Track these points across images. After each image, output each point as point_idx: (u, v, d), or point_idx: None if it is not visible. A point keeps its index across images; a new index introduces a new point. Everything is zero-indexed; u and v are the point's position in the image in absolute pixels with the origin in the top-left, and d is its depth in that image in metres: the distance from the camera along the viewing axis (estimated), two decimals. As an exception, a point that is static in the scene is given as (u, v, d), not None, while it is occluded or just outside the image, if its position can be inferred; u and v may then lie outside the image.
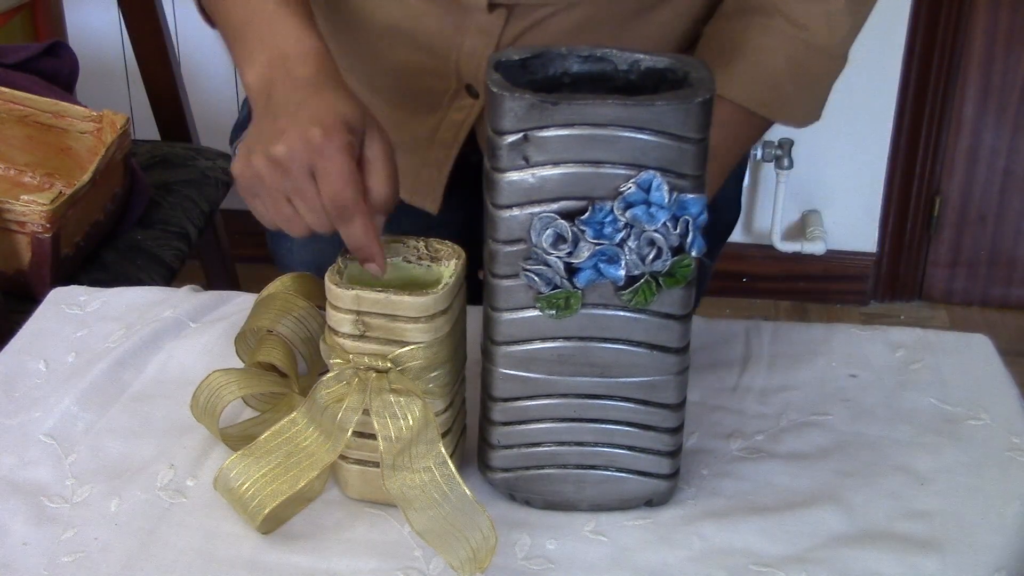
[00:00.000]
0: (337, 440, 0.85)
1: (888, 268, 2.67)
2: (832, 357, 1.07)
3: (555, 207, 0.80)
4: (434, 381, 0.85)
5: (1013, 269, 2.65)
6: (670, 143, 0.78)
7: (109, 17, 2.41)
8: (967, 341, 1.09)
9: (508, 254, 0.82)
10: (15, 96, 1.72)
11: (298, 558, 0.85)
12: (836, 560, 0.85)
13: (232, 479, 0.86)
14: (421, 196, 1.14)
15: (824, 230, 2.58)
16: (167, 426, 0.97)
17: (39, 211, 1.52)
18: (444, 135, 1.09)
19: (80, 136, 1.72)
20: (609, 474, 0.88)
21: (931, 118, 2.52)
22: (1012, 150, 2.55)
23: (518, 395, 0.86)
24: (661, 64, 0.84)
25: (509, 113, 0.78)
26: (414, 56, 1.05)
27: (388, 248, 0.89)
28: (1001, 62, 2.48)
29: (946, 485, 0.92)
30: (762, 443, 0.97)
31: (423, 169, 1.12)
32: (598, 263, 0.81)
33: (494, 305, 0.84)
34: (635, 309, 0.83)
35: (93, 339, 1.07)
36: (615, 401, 0.86)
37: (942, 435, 0.97)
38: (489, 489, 0.90)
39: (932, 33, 2.45)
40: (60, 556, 0.85)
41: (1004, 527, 0.88)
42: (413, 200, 1.15)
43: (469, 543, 0.82)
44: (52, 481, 0.91)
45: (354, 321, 0.83)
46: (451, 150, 1.10)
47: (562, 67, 0.86)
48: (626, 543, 0.87)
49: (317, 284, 1.00)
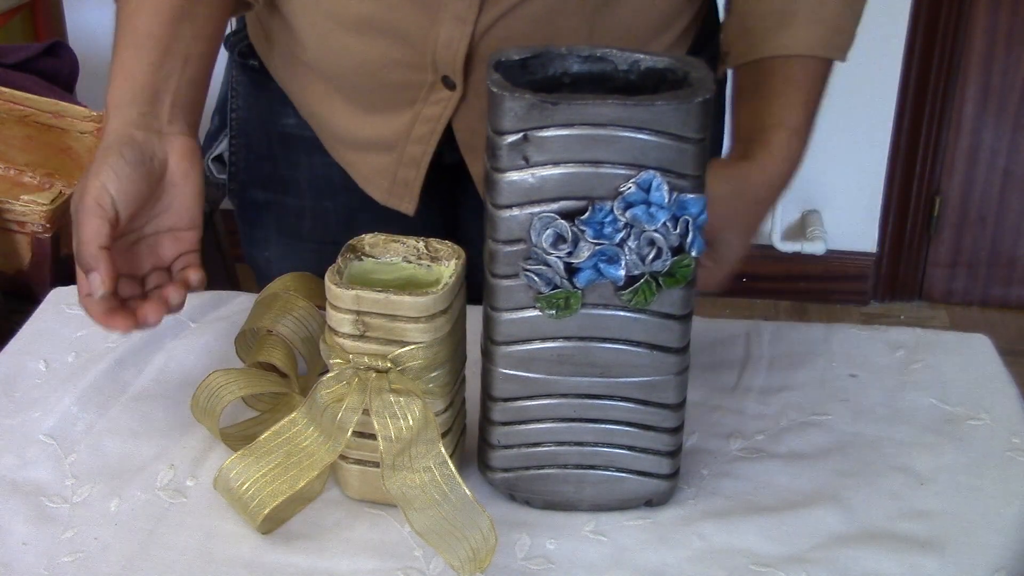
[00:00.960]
0: (337, 440, 0.85)
1: (888, 268, 2.67)
2: (832, 357, 1.07)
3: (555, 207, 0.80)
4: (434, 381, 0.85)
5: (1013, 269, 2.65)
6: (670, 143, 0.78)
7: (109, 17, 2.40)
8: (967, 341, 1.09)
9: (508, 254, 0.82)
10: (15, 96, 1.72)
11: (298, 558, 0.85)
12: (836, 560, 0.85)
13: (232, 479, 0.86)
14: (397, 197, 1.13)
15: (824, 230, 2.58)
16: (167, 426, 0.97)
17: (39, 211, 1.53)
18: (420, 130, 1.09)
19: (80, 136, 1.72)
20: (609, 474, 0.88)
21: (931, 118, 2.52)
22: (1012, 150, 2.55)
23: (518, 395, 0.86)
24: (661, 64, 0.84)
25: (509, 113, 0.78)
26: (389, 49, 1.04)
27: (388, 248, 0.89)
28: (1001, 62, 2.48)
29: (946, 485, 0.92)
30: (762, 443, 0.97)
31: (400, 168, 1.11)
32: (598, 263, 0.81)
33: (494, 305, 0.84)
34: (635, 309, 0.83)
35: (93, 339, 1.07)
36: (615, 401, 0.86)
37: (942, 435, 0.97)
38: (489, 489, 0.90)
39: (932, 33, 2.45)
40: (60, 556, 0.85)
41: (1004, 527, 0.88)
42: (389, 201, 1.14)
43: (469, 543, 0.82)
44: (52, 481, 0.91)
45: (354, 321, 0.83)
46: (428, 146, 1.09)
47: (562, 67, 0.85)
48: (626, 543, 0.87)
49: (317, 284, 1.00)
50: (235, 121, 1.22)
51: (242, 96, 1.22)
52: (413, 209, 1.13)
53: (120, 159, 0.91)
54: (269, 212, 1.23)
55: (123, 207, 0.91)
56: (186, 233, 0.96)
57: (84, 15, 2.47)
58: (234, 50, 1.21)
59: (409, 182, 1.12)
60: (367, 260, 0.88)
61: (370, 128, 1.11)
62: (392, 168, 1.12)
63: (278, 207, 1.22)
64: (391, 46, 1.04)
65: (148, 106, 0.95)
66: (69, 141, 1.72)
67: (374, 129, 1.10)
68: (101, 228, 0.89)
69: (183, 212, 0.95)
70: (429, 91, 1.06)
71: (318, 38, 1.07)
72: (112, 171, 0.91)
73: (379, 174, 1.13)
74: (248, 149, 1.22)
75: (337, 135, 1.14)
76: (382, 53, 1.05)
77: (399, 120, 1.09)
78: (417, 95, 1.07)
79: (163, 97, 0.95)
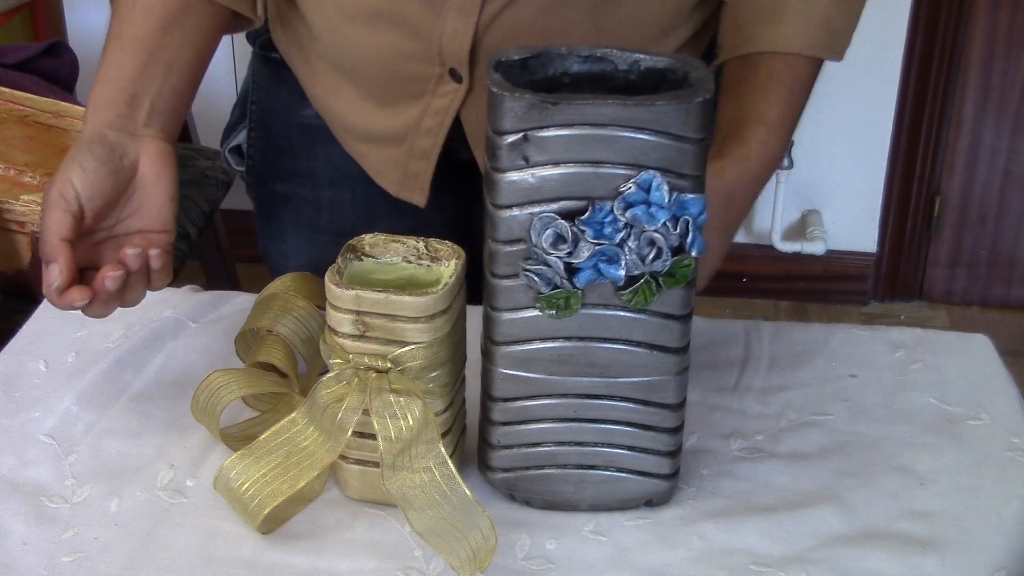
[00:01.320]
0: (337, 440, 0.85)
1: (888, 268, 2.67)
2: (832, 357, 1.07)
3: (555, 207, 0.80)
4: (434, 381, 0.85)
5: (1013, 269, 2.65)
6: (670, 143, 0.78)
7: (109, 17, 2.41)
8: (967, 341, 1.09)
9: (508, 254, 0.82)
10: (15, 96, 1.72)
11: (298, 558, 0.85)
12: (836, 560, 0.85)
13: (232, 479, 0.86)
14: (409, 189, 1.14)
15: (824, 230, 2.58)
16: (167, 426, 0.97)
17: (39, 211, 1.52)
18: (429, 123, 1.09)
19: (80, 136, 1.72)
20: (609, 474, 0.88)
21: (931, 118, 2.52)
22: (1012, 150, 2.55)
23: (518, 395, 0.86)
24: (661, 64, 0.84)
25: (509, 113, 0.78)
26: (397, 41, 1.05)
27: (388, 248, 0.89)
28: (1001, 62, 2.48)
29: (946, 485, 0.92)
30: (762, 443, 0.97)
31: (410, 161, 1.12)
32: (598, 263, 0.81)
33: (494, 305, 0.84)
34: (635, 309, 0.83)
35: (93, 339, 1.07)
36: (615, 401, 0.86)
37: (942, 435, 0.97)
38: (489, 489, 0.90)
39: (932, 33, 2.45)
40: (60, 556, 0.85)
41: (1004, 527, 0.88)
42: (401, 193, 1.14)
43: (469, 543, 0.82)
44: (52, 481, 0.91)
45: (354, 321, 0.83)
46: (437, 138, 1.10)
47: (562, 67, 0.85)
48: (626, 543, 0.87)
49: (317, 284, 1.00)
50: (255, 113, 1.23)
51: (263, 88, 1.23)
52: (424, 201, 1.13)
53: (89, 155, 0.93)
54: (287, 204, 1.23)
55: (88, 202, 0.92)
56: (158, 236, 0.96)
57: (84, 15, 2.46)
58: (256, 42, 1.22)
59: (420, 174, 1.12)
60: (367, 260, 0.88)
61: (381, 121, 1.11)
62: (403, 160, 1.12)
63: (296, 199, 1.22)
64: (400, 38, 1.04)
65: (126, 108, 0.96)
66: (69, 141, 1.72)
67: (385, 122, 1.11)
68: (63, 220, 0.90)
69: (154, 214, 0.96)
70: (437, 83, 1.06)
71: (330, 31, 1.08)
72: (79, 166, 0.92)
73: (390, 166, 1.14)
74: (267, 140, 1.23)
75: (349, 128, 1.15)
76: (391, 45, 1.05)
77: (409, 112, 1.09)
78: (426, 87, 1.07)
79: (142, 101, 0.97)
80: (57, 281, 0.90)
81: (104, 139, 0.94)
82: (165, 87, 0.98)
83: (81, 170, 0.92)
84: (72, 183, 0.92)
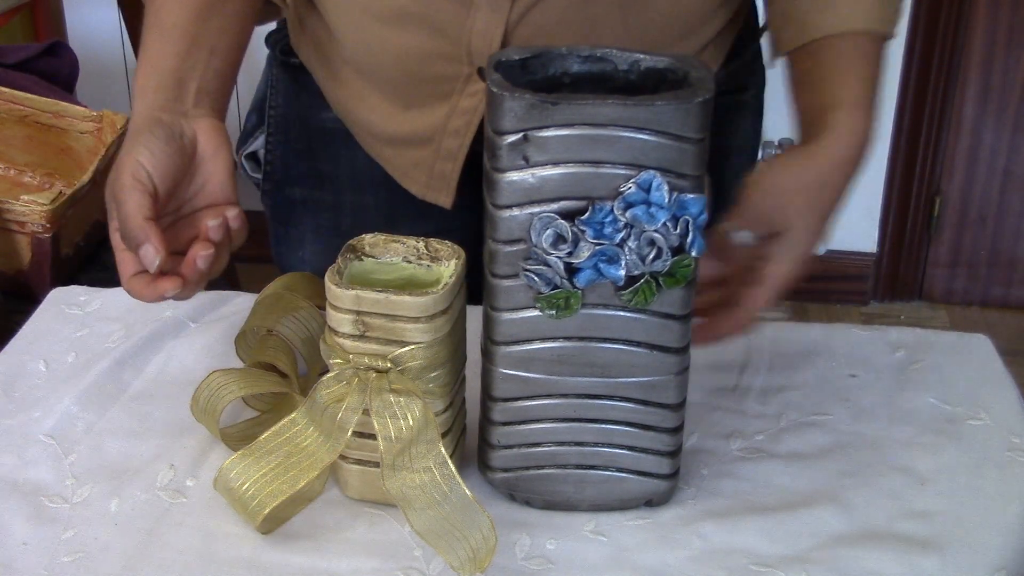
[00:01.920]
0: (337, 440, 0.85)
1: (888, 268, 2.67)
2: (832, 357, 1.07)
3: (555, 207, 0.80)
4: (434, 381, 0.85)
5: (1013, 269, 2.66)
6: (670, 143, 0.78)
7: (109, 17, 2.41)
8: (967, 341, 1.09)
9: (508, 254, 0.82)
10: (15, 96, 1.72)
11: (298, 558, 0.85)
12: (836, 560, 0.85)
13: (232, 479, 0.86)
14: (435, 191, 1.13)
15: (824, 230, 2.58)
16: (167, 426, 0.97)
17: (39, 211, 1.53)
18: (456, 123, 1.09)
19: (80, 136, 1.73)
20: (609, 474, 0.88)
21: (931, 118, 2.52)
22: (1012, 150, 2.55)
23: (518, 395, 0.86)
24: (661, 64, 0.84)
25: (509, 113, 0.78)
26: (424, 41, 1.04)
27: (388, 248, 0.89)
28: (1001, 62, 2.48)
29: (946, 485, 0.92)
30: (762, 443, 0.97)
31: (437, 162, 1.11)
32: (598, 263, 0.81)
33: (494, 305, 0.84)
34: (635, 309, 0.83)
35: (93, 339, 1.07)
36: (615, 401, 0.86)
37: (942, 435, 0.97)
38: (489, 489, 0.90)
39: (932, 33, 2.45)
40: (60, 556, 0.85)
41: (1004, 527, 0.88)
42: (427, 195, 1.14)
43: (469, 543, 0.82)
44: (52, 481, 0.91)
45: (354, 321, 0.83)
46: (465, 139, 1.09)
47: (562, 67, 0.85)
48: (626, 543, 0.87)
49: (317, 284, 1.00)
50: (273, 118, 1.23)
51: (282, 93, 1.22)
52: (450, 202, 1.13)
53: (152, 137, 0.93)
54: (306, 209, 1.23)
55: (160, 182, 0.92)
56: (225, 208, 0.95)
57: (84, 15, 2.47)
58: (275, 47, 1.22)
59: (446, 175, 1.12)
60: (367, 260, 0.88)
61: (407, 123, 1.11)
62: (429, 161, 1.12)
63: (315, 204, 1.22)
64: (427, 38, 1.04)
65: (174, 91, 0.96)
66: (69, 141, 1.72)
67: (411, 124, 1.10)
68: (143, 201, 0.90)
69: (217, 189, 0.96)
70: (465, 83, 1.06)
71: (355, 33, 1.07)
72: (145, 148, 0.92)
73: (416, 168, 1.13)
74: (286, 146, 1.22)
75: (374, 132, 1.14)
76: (418, 45, 1.05)
77: (436, 114, 1.09)
78: (453, 88, 1.07)
79: (188, 84, 0.97)
80: (156, 259, 0.88)
81: (160, 121, 0.94)
82: (209, 70, 0.98)
83: (149, 152, 0.92)
84: (143, 165, 0.91)
